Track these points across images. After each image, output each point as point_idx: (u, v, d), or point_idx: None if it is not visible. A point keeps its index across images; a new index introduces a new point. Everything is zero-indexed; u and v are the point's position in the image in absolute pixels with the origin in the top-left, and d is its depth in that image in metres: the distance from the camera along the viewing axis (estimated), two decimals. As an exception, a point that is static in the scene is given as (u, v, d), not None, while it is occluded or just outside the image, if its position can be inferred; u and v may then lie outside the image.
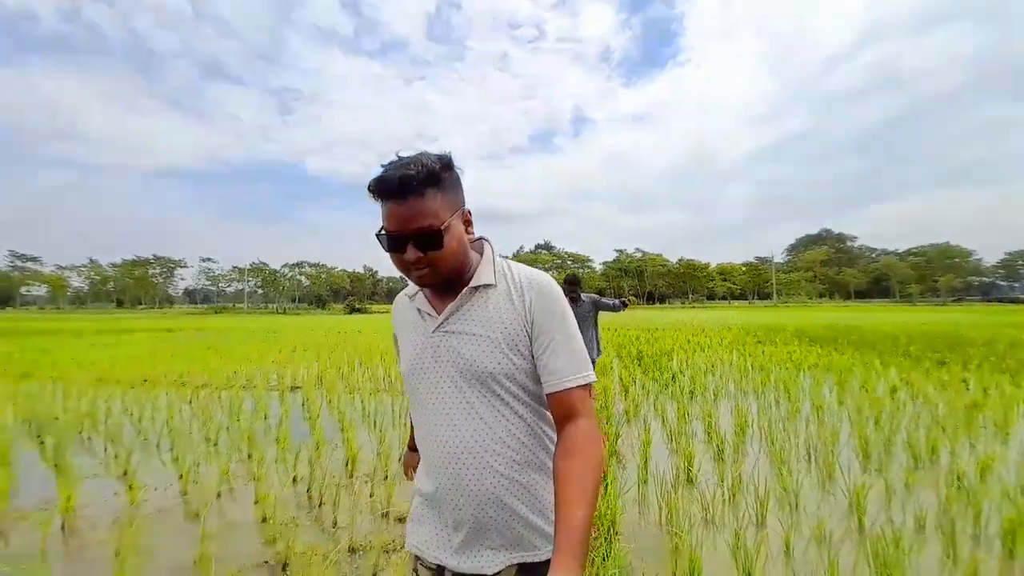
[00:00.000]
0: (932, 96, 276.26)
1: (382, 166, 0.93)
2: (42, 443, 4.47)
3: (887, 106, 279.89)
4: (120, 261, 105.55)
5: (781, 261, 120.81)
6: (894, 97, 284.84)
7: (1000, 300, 78.96)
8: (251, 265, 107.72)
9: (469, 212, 1.02)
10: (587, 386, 0.97)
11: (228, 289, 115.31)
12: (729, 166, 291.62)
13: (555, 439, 0.99)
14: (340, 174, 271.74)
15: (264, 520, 2.97)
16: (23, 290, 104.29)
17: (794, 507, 3.02)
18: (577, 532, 0.79)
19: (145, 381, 7.67)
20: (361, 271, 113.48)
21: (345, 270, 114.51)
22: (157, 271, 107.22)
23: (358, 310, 69.64)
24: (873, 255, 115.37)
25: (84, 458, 4.10)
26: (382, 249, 0.96)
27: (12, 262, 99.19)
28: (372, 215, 0.94)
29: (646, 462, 3.58)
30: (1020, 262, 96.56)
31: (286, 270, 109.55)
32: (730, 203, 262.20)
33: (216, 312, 75.79)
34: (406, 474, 1.37)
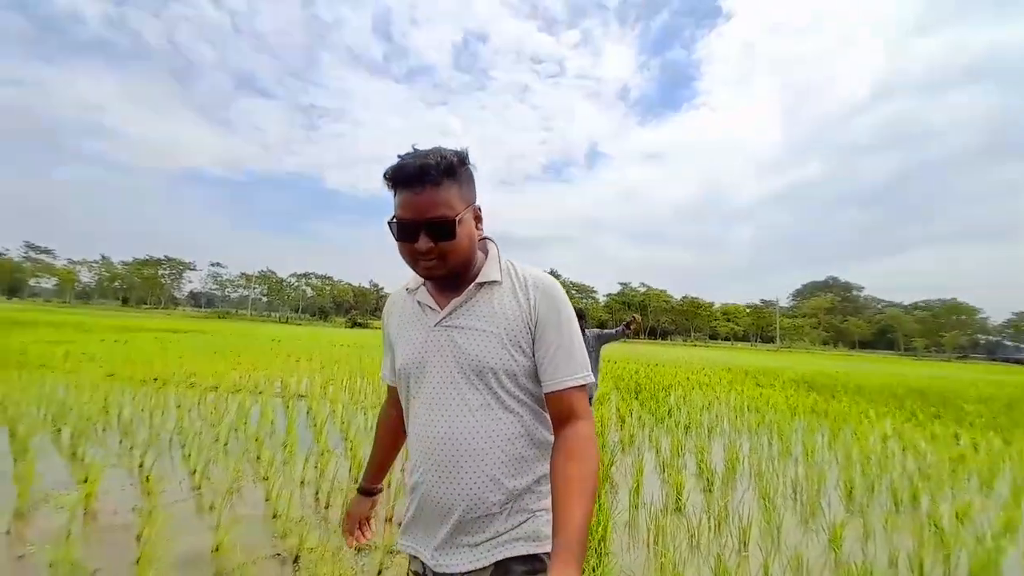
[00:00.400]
0: (945, 153, 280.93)
1: (399, 156, 0.95)
2: (59, 432, 4.67)
3: (900, 160, 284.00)
4: (132, 259, 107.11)
5: (786, 306, 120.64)
6: (907, 152, 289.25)
7: (1006, 360, 78.23)
8: (259, 272, 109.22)
9: (479, 208, 1.02)
10: (584, 387, 0.98)
11: (232, 295, 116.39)
12: (739, 208, 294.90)
13: (551, 442, 1.01)
14: (357, 189, 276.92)
15: (275, 517, 3.15)
16: (31, 281, 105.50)
17: (775, 539, 3.18)
18: (576, 533, 0.80)
19: (155, 379, 7.88)
20: (367, 286, 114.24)
21: (349, 284, 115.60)
22: (167, 272, 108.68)
23: (360, 324, 69.86)
24: (879, 306, 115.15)
25: (99, 449, 4.29)
26: (392, 237, 0.96)
27: (27, 253, 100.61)
28: (384, 232, 0.97)
29: (638, 488, 3.74)
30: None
31: (292, 280, 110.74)
32: (738, 244, 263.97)
33: (220, 317, 76.17)
34: (348, 533, 1.24)
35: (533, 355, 0.98)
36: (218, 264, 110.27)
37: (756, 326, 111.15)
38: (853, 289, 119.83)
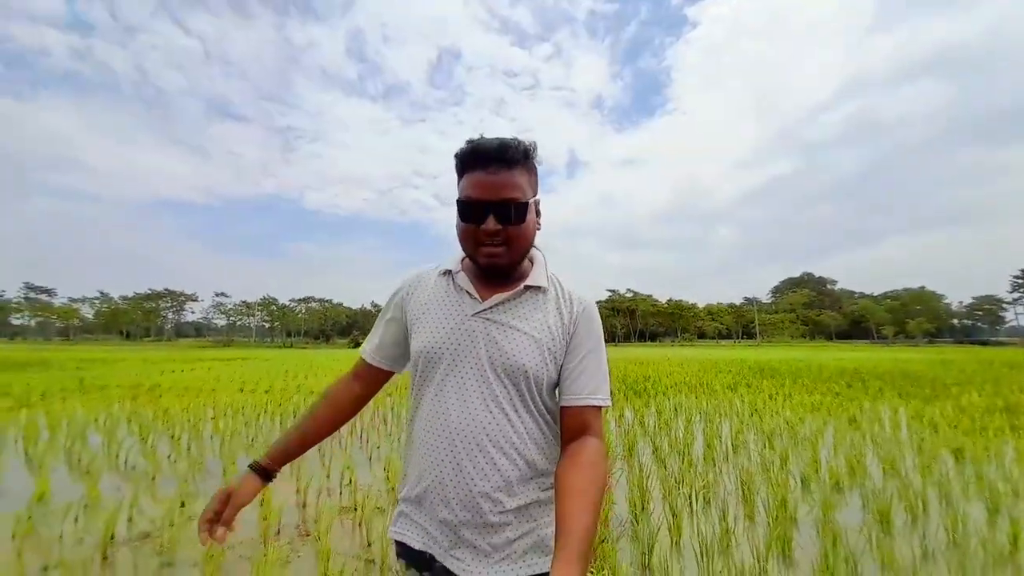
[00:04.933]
0: (905, 145, 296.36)
1: (469, 141, 0.95)
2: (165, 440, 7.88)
3: (865, 154, 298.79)
4: (132, 294, 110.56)
5: (766, 302, 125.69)
6: (871, 146, 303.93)
7: (973, 342, 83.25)
8: (260, 300, 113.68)
9: (539, 202, 1.03)
10: (601, 409, 0.99)
11: (232, 323, 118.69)
12: (716, 208, 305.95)
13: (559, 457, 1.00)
14: (338, 209, 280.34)
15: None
16: (24, 321, 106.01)
17: (693, 437, 6.57)
18: (582, 537, 0.78)
19: (280, 390, 11.07)
20: (368, 307, 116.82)
21: (342, 304, 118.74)
22: (168, 304, 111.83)
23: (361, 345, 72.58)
24: (853, 298, 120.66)
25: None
26: (459, 217, 0.95)
27: (27, 294, 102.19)
28: (369, 250, 1.94)
29: (620, 418, 7.14)
30: (987, 306, 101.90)
31: (293, 304, 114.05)
32: (718, 244, 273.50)
33: (224, 345, 78.34)
34: (213, 523, 0.98)
35: (559, 369, 1.00)
36: (223, 294, 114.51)
37: (738, 323, 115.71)
38: (827, 283, 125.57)
